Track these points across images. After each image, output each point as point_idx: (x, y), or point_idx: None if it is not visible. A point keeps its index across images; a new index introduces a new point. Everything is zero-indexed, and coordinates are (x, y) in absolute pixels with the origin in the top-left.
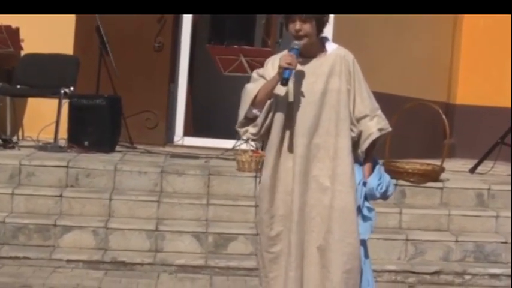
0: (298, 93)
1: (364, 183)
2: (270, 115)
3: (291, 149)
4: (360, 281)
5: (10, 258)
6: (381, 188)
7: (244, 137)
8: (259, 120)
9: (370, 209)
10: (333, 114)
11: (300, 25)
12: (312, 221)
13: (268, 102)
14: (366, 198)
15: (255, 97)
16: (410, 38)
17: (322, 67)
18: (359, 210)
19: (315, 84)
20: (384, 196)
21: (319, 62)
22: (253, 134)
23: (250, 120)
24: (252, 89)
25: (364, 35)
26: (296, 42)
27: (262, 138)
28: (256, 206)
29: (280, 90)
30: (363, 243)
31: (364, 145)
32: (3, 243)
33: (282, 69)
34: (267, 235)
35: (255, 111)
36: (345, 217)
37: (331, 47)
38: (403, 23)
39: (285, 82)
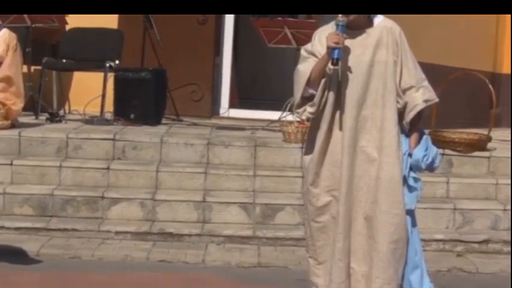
0: (346, 66)
1: (410, 155)
2: (326, 93)
3: (340, 121)
4: (407, 251)
5: (59, 230)
6: (427, 159)
7: (303, 117)
8: (316, 99)
9: (416, 180)
10: (380, 86)
11: None
12: (360, 191)
13: (323, 80)
14: (411, 169)
15: (309, 78)
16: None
17: (369, 39)
18: (405, 180)
19: (362, 56)
20: (430, 168)
21: (366, 34)
22: (312, 113)
23: (306, 99)
24: (304, 70)
25: None
26: (341, 18)
27: None
28: (302, 176)
29: (332, 69)
30: (410, 212)
31: (409, 116)
32: (52, 215)
33: (330, 49)
34: (315, 205)
35: (310, 90)
36: (391, 188)
37: (377, 19)
38: None
39: (335, 62)
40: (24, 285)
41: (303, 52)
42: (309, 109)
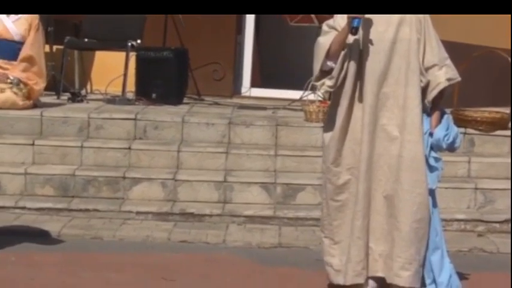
0: (369, 42)
1: (431, 134)
2: (345, 66)
3: (361, 98)
4: (428, 231)
5: (80, 210)
6: (448, 139)
7: (322, 90)
8: (335, 72)
9: (437, 159)
10: (403, 64)
11: None
12: (380, 169)
13: (342, 53)
14: (432, 148)
15: (328, 50)
16: None
17: (392, 16)
18: (426, 160)
19: (386, 33)
20: (451, 147)
21: None
22: (330, 87)
23: (325, 73)
24: (324, 42)
25: None
26: None
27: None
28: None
29: (352, 40)
30: (431, 192)
31: (431, 95)
32: (73, 195)
33: (350, 19)
34: (335, 184)
35: (329, 63)
36: (414, 167)
37: None
38: None
39: (354, 31)
40: (47, 266)
41: (324, 27)
42: (328, 82)
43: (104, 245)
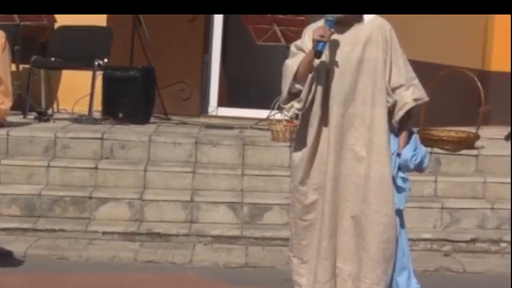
0: (335, 62)
1: (399, 154)
2: (313, 88)
3: (328, 118)
4: (396, 251)
5: (46, 230)
6: (415, 160)
7: (290, 113)
8: (303, 95)
9: (404, 180)
10: (370, 84)
11: None
12: (348, 190)
13: (310, 75)
14: (400, 169)
15: (296, 72)
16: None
17: (358, 36)
18: (393, 181)
19: (352, 53)
20: (419, 168)
21: (356, 30)
22: (299, 109)
23: (294, 95)
24: (292, 65)
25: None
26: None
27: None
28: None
29: (318, 62)
30: (399, 213)
31: (398, 115)
32: (39, 215)
33: (315, 42)
34: (302, 203)
35: (297, 86)
36: (381, 187)
37: (368, 16)
38: None
39: (318, 55)
40: (12, 287)
41: (292, 48)
42: (296, 105)
43: (70, 266)
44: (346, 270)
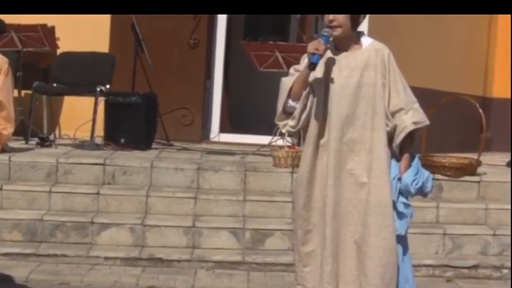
0: (333, 87)
1: (400, 179)
2: (308, 106)
3: (326, 143)
4: (398, 277)
5: (48, 255)
6: (416, 184)
7: (284, 130)
8: (296, 112)
9: (406, 205)
10: (369, 109)
11: (334, 15)
12: (349, 214)
13: (304, 93)
14: (402, 194)
15: (291, 89)
16: (446, 32)
17: (357, 61)
18: (394, 206)
19: (350, 78)
20: (421, 192)
21: (354, 55)
22: (292, 127)
23: (289, 114)
24: (287, 81)
25: (398, 29)
26: (327, 29)
27: (302, 132)
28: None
29: (316, 83)
30: (402, 239)
31: (398, 139)
32: (41, 241)
33: (310, 55)
34: (304, 229)
35: (293, 103)
36: (380, 211)
37: (366, 41)
38: (437, 16)
39: (312, 67)
40: None
41: (291, 70)
42: (290, 122)
43: None
44: None
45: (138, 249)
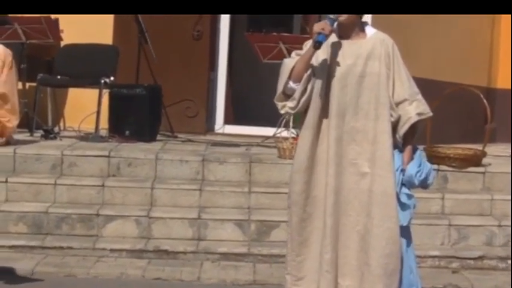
0: (336, 74)
1: (403, 170)
2: (308, 89)
3: (326, 131)
4: (402, 268)
5: (54, 248)
6: (420, 176)
7: (283, 111)
8: (296, 94)
9: (409, 196)
10: (373, 98)
11: None
12: (349, 204)
13: (305, 75)
14: (404, 185)
15: (293, 69)
16: (449, 22)
17: (361, 50)
18: (397, 197)
19: (354, 67)
20: (424, 184)
21: (358, 44)
22: (291, 108)
23: (288, 96)
24: (289, 62)
25: (402, 20)
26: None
27: (301, 117)
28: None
29: (319, 66)
30: (406, 230)
31: (402, 130)
32: (47, 233)
33: (315, 35)
34: (300, 217)
35: (293, 85)
36: (385, 201)
37: (370, 31)
38: None
39: (317, 45)
40: None
41: (292, 54)
42: (289, 103)
43: (77, 283)
44: (343, 285)
45: (144, 241)
